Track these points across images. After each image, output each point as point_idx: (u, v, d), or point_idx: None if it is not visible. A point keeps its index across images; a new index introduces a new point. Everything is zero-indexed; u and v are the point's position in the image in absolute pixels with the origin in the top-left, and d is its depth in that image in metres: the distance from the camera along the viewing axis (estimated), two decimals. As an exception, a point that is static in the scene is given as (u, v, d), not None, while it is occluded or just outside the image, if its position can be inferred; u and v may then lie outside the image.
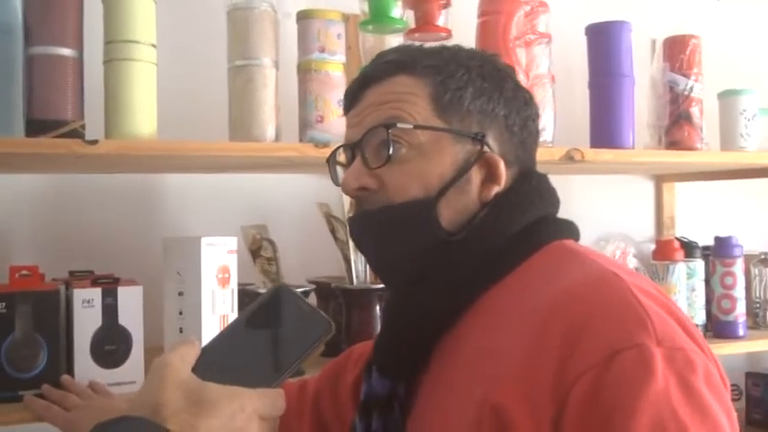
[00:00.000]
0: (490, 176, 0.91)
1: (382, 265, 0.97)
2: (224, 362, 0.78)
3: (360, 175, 0.92)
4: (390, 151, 0.89)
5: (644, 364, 0.72)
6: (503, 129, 0.93)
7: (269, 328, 0.81)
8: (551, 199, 0.96)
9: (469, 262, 0.88)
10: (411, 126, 0.89)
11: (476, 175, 0.91)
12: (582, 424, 0.72)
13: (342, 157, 1.00)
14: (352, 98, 0.96)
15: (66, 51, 1.29)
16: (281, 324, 0.81)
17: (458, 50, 0.96)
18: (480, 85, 0.92)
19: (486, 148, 0.91)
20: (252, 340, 0.80)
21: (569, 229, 0.95)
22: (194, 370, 0.75)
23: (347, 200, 1.52)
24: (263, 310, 0.82)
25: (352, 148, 0.94)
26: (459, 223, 0.90)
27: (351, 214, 0.98)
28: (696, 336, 0.78)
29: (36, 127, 1.27)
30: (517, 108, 0.94)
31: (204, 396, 0.72)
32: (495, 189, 0.91)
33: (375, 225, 0.93)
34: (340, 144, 1.00)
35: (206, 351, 0.78)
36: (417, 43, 1.01)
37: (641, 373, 0.71)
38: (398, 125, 0.89)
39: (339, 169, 1.01)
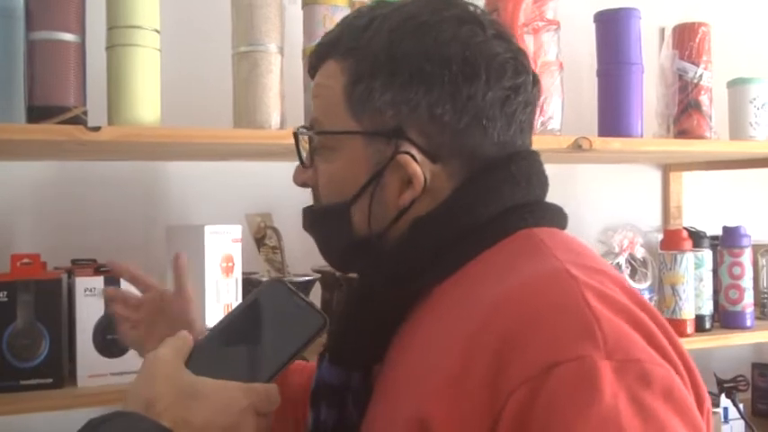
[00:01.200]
0: (407, 179, 0.82)
1: (323, 255, 0.94)
2: (218, 356, 0.78)
3: (298, 171, 0.92)
4: (303, 157, 0.90)
5: (586, 378, 0.63)
6: (426, 120, 0.81)
7: (263, 323, 0.80)
8: (533, 184, 0.85)
9: (406, 263, 0.82)
10: (309, 133, 0.88)
11: (391, 178, 0.82)
12: None
13: None
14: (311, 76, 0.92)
15: (69, 36, 1.27)
16: (276, 319, 0.80)
17: (387, 18, 0.83)
18: (392, 71, 0.80)
19: (407, 147, 0.81)
20: (246, 335, 0.80)
21: (551, 216, 0.85)
22: (187, 364, 0.75)
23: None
24: (258, 304, 0.81)
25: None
26: (375, 228, 0.84)
27: None
28: (665, 346, 0.69)
29: (38, 113, 1.25)
30: (455, 91, 0.80)
31: (198, 390, 0.71)
32: (410, 195, 0.82)
33: (307, 222, 0.93)
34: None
35: (199, 345, 0.78)
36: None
37: (582, 390, 0.62)
38: (300, 131, 0.89)
39: None
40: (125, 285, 1.35)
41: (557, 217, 0.86)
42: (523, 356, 0.65)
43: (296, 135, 0.91)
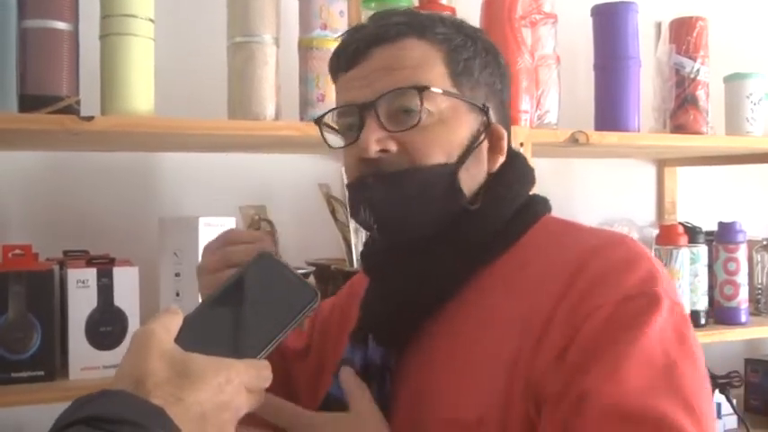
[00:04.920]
0: (494, 147, 0.93)
1: (398, 223, 0.91)
2: (208, 332, 0.75)
3: (380, 137, 0.88)
4: (419, 117, 0.87)
5: (653, 304, 0.79)
6: (499, 102, 0.95)
7: (254, 297, 0.78)
8: (533, 174, 0.99)
9: (486, 229, 0.90)
10: (440, 91, 0.88)
11: (484, 146, 0.92)
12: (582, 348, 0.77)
13: (333, 119, 0.97)
14: (356, 56, 0.91)
15: (62, 25, 1.26)
16: (266, 293, 0.78)
17: (460, 21, 0.96)
18: (485, 58, 0.94)
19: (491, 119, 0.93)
20: (236, 310, 0.77)
21: (549, 205, 0.98)
22: (177, 340, 0.72)
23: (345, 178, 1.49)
24: (247, 278, 0.79)
25: (361, 109, 0.89)
26: (474, 191, 0.91)
27: (355, 179, 0.92)
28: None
29: (30, 102, 1.24)
30: (507, 84, 0.98)
31: (189, 367, 0.69)
32: (500, 160, 0.93)
33: (400, 185, 0.89)
34: (342, 105, 0.94)
35: (189, 321, 0.75)
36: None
37: (648, 313, 0.79)
38: (432, 89, 0.87)
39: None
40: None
41: (549, 205, 0.98)
42: (606, 290, 0.80)
43: (369, 105, 0.88)
